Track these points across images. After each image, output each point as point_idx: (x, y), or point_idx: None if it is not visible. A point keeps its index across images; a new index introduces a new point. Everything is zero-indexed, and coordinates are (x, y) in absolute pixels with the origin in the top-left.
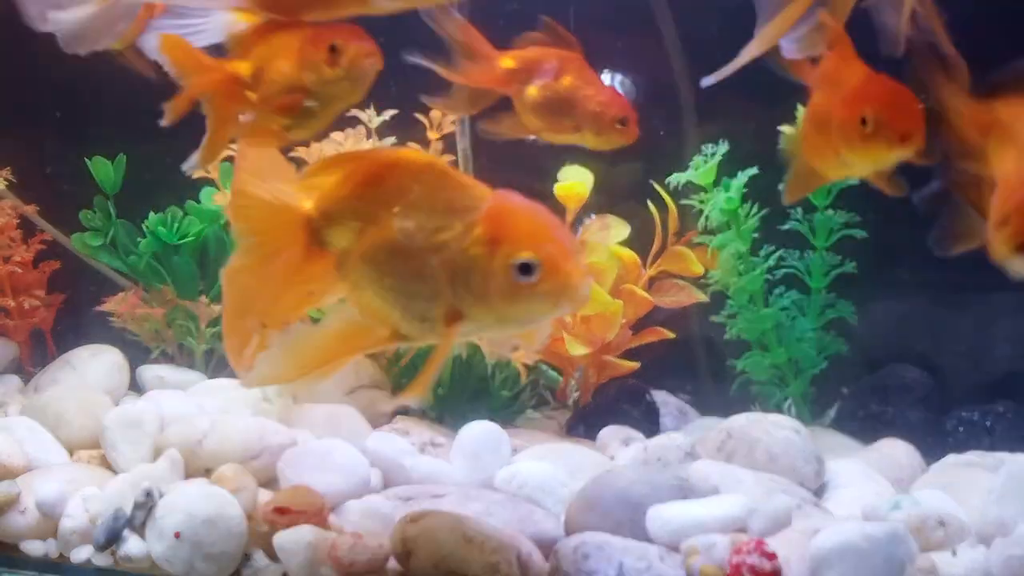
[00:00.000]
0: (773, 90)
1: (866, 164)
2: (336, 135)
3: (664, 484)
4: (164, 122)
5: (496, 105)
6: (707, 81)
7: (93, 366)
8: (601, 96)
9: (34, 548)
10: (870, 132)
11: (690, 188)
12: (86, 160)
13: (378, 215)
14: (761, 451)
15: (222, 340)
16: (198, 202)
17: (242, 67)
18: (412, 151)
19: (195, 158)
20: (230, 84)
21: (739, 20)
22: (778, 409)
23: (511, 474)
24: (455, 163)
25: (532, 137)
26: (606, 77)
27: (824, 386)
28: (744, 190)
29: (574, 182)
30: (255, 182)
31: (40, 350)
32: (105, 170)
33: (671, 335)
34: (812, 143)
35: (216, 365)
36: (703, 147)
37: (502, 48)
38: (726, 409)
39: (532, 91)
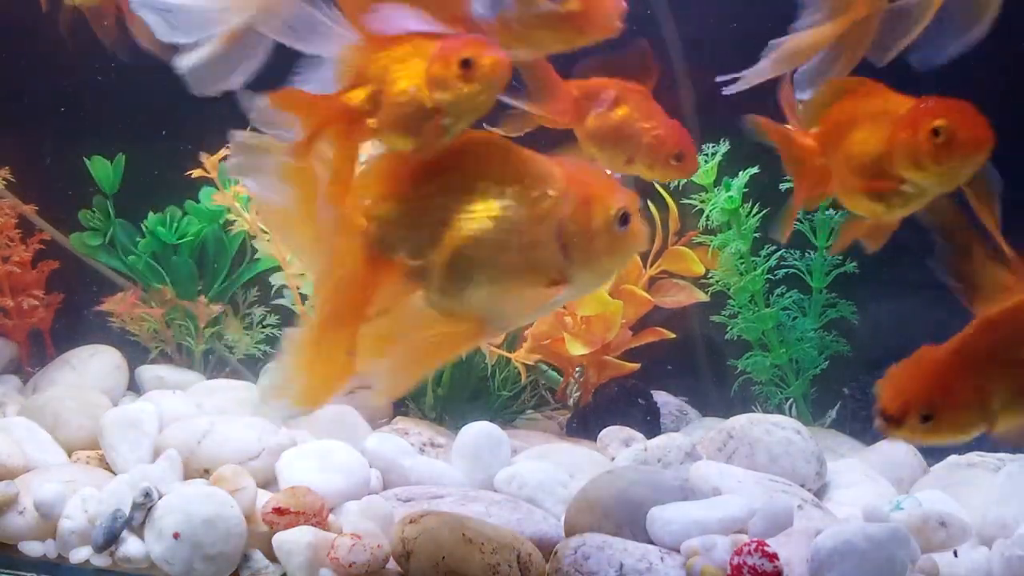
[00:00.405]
0: (773, 88)
1: (939, 184)
2: None
3: (665, 485)
4: (296, 163)
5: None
6: (729, 90)
7: (92, 366)
8: (657, 130)
9: (33, 549)
10: (943, 142)
11: (690, 187)
12: (85, 160)
13: (457, 203)
14: (762, 452)
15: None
16: (197, 202)
17: (357, 96)
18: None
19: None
20: (349, 117)
21: (737, 18)
22: (779, 409)
23: (511, 475)
24: None
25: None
26: None
27: (825, 386)
28: (745, 189)
29: None
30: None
31: (39, 350)
32: (104, 170)
33: (671, 335)
34: (858, 188)
35: (215, 365)
36: (703, 146)
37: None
38: (727, 409)
39: (588, 120)
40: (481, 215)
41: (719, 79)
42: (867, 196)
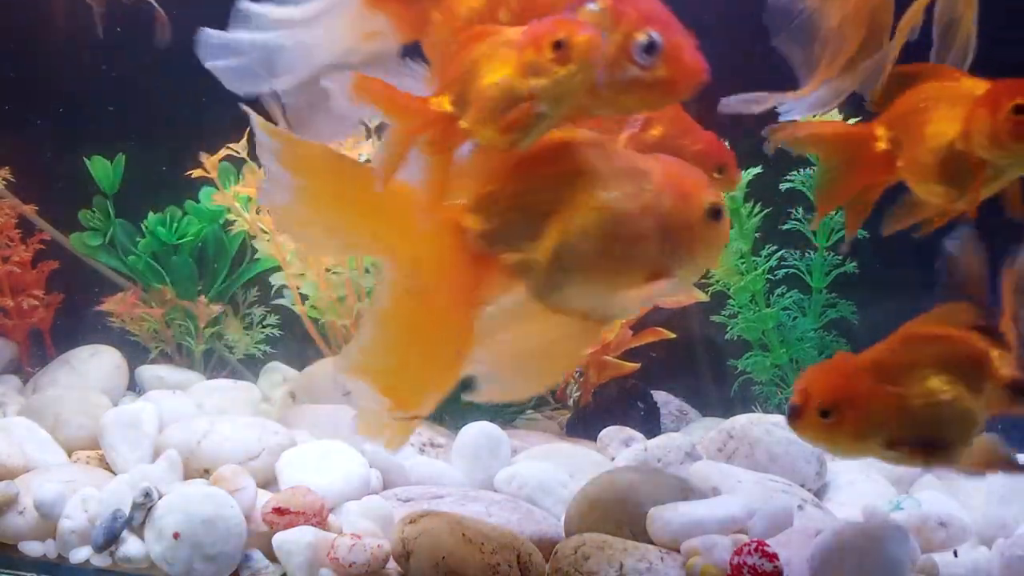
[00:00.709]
0: (772, 88)
1: (1018, 165)
2: None
3: (665, 485)
4: (382, 182)
5: None
6: (724, 106)
7: (92, 366)
8: (696, 146)
9: (33, 549)
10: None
11: None
12: (85, 160)
13: (562, 196)
14: (762, 451)
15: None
16: (197, 202)
17: (446, 99)
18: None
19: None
20: (440, 123)
21: (734, 16)
22: (779, 409)
23: (511, 475)
24: None
25: None
26: None
27: None
28: (746, 189)
29: None
30: (390, 207)
31: (39, 350)
32: (104, 170)
33: (671, 335)
34: (933, 173)
35: (215, 365)
36: None
37: None
38: (727, 409)
39: (620, 140)
40: (588, 207)
41: (724, 100)
42: (941, 181)
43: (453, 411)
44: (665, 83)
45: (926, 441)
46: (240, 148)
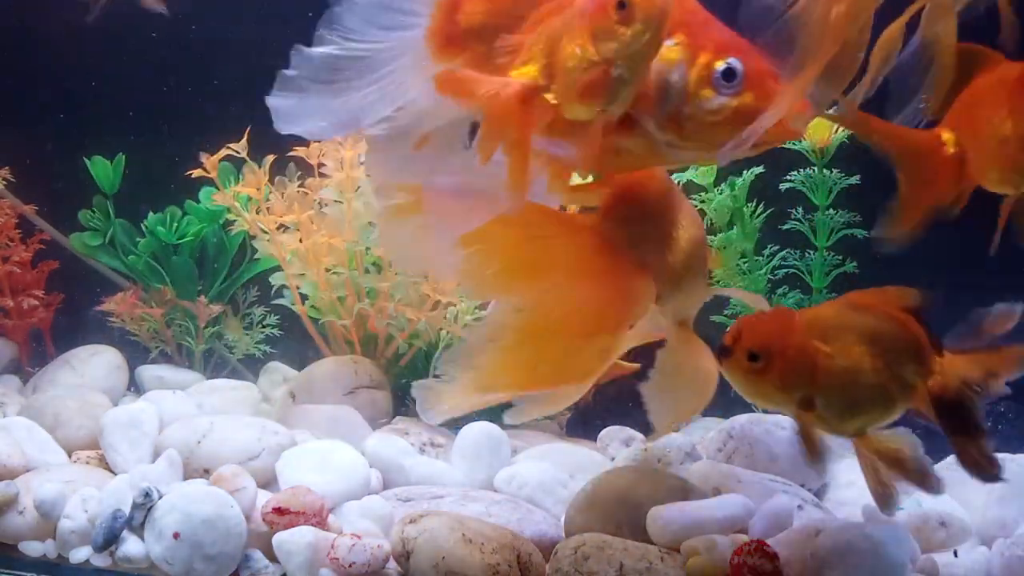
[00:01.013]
0: None
1: None
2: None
3: (665, 485)
4: (481, 163)
5: None
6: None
7: (92, 366)
8: None
9: (33, 548)
10: None
11: (690, 187)
12: (85, 160)
13: (673, 209)
14: (762, 451)
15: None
16: (197, 202)
17: (529, 72)
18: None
19: (509, 195)
20: (523, 95)
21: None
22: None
23: (511, 475)
24: None
25: None
26: None
27: None
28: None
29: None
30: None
31: (39, 350)
32: (104, 170)
33: None
34: (1000, 165)
35: (215, 365)
36: None
37: None
38: (727, 409)
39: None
40: (693, 213)
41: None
42: (1012, 171)
43: None
44: (751, 110)
45: (837, 401)
46: (240, 148)
